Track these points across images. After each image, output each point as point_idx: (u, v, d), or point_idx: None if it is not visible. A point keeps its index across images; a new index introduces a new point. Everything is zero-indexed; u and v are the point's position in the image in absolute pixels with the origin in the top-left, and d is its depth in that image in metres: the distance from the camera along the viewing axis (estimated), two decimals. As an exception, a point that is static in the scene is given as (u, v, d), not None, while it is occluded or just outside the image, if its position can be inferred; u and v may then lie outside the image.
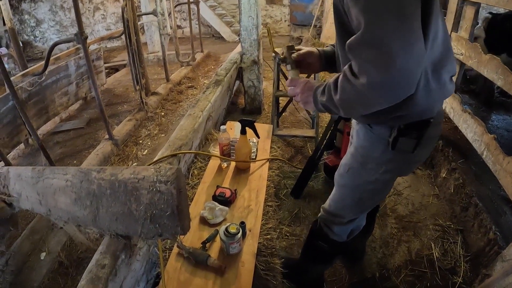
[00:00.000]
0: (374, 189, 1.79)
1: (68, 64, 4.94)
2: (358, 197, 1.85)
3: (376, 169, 1.69)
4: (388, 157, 1.62)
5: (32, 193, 1.77)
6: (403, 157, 1.61)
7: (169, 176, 1.31)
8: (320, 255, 2.25)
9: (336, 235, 2.04)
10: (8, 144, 3.72)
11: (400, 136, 1.50)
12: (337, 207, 1.95)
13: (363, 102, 1.29)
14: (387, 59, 1.11)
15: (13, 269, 2.33)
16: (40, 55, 10.86)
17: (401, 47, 1.09)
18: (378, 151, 1.63)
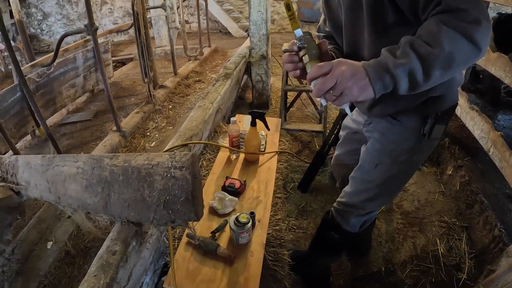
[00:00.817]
0: (402, 180, 1.82)
1: (76, 56, 4.94)
2: (384, 190, 1.84)
3: (408, 160, 1.69)
4: (420, 146, 1.63)
5: (41, 181, 1.76)
6: (432, 144, 1.64)
7: (184, 162, 1.29)
8: (330, 246, 2.25)
9: (350, 226, 2.04)
10: (15, 135, 3.72)
11: (436, 123, 1.51)
12: (359, 200, 1.93)
13: (469, 53, 1.05)
14: None
15: (19, 257, 2.33)
16: (47, 49, 10.88)
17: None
18: (411, 143, 1.63)
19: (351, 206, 1.97)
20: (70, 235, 2.57)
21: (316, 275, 2.50)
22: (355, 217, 2.00)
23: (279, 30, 11.25)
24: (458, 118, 3.57)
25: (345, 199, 2.00)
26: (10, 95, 3.63)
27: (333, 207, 2.11)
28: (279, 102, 5.10)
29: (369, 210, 1.96)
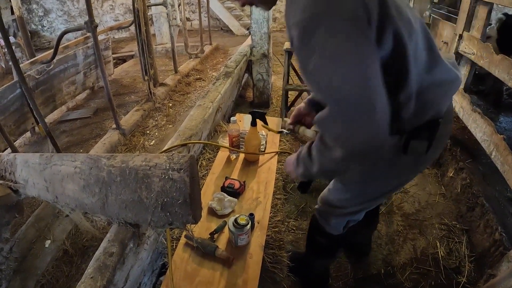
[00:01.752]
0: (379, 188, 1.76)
1: (76, 53, 4.92)
2: (360, 191, 1.80)
3: (385, 170, 1.65)
4: (399, 161, 1.57)
5: (39, 180, 1.74)
6: (416, 159, 1.57)
7: (183, 164, 1.28)
8: (321, 249, 2.24)
9: (332, 228, 2.00)
10: (14, 132, 3.70)
11: (411, 139, 1.46)
12: (336, 198, 1.89)
13: (342, 168, 1.45)
14: (354, 132, 1.19)
15: (17, 256, 2.32)
16: (48, 45, 10.86)
17: (367, 118, 1.16)
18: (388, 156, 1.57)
19: (329, 204, 1.94)
20: (68, 234, 2.56)
21: (315, 277, 2.49)
22: (336, 217, 1.95)
23: (280, 29, 11.23)
24: (460, 120, 3.55)
25: (325, 196, 1.98)
26: (9, 92, 3.61)
27: (315, 208, 2.09)
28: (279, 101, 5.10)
29: (350, 210, 1.89)
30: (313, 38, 1.13)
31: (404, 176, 1.71)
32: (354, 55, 1.13)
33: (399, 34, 1.21)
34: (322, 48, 1.13)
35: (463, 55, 3.57)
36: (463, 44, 3.57)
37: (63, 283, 2.24)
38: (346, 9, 1.11)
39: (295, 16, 1.20)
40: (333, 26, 1.12)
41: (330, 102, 1.20)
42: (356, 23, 1.12)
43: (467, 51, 3.45)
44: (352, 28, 1.12)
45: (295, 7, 1.20)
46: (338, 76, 1.14)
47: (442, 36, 4.41)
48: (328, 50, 1.13)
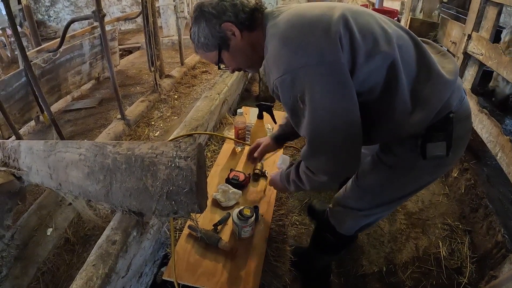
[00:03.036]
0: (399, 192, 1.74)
1: (83, 43, 4.91)
2: (379, 197, 1.78)
3: (405, 174, 1.65)
4: (418, 166, 1.57)
5: (43, 167, 1.73)
6: (437, 162, 1.56)
7: (190, 152, 1.26)
8: (327, 247, 2.21)
9: (345, 229, 1.97)
10: (19, 120, 3.70)
11: (426, 142, 1.47)
12: (354, 201, 1.86)
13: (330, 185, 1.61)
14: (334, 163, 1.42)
15: (18, 243, 2.31)
16: (54, 35, 10.87)
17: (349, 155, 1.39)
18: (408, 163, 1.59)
19: (345, 206, 1.90)
20: (70, 223, 2.55)
21: (316, 273, 2.47)
22: (351, 219, 1.92)
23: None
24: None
25: (340, 198, 1.94)
26: (15, 80, 3.61)
27: (328, 208, 2.05)
28: (285, 96, 5.06)
29: (366, 213, 1.86)
30: (293, 90, 1.30)
31: (424, 180, 1.69)
32: (333, 101, 1.28)
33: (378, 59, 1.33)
34: (304, 97, 1.28)
35: (471, 55, 3.54)
36: (471, 45, 3.54)
37: (64, 271, 2.22)
38: (319, 55, 1.25)
39: (274, 74, 1.34)
40: (309, 76, 1.26)
41: (314, 143, 1.39)
42: (331, 68, 1.26)
43: (476, 51, 3.42)
44: (328, 76, 1.26)
45: (272, 66, 1.36)
46: (323, 123, 1.31)
47: (450, 36, 4.38)
48: (309, 100, 1.28)
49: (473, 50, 3.46)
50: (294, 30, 1.30)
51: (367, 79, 1.33)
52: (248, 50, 1.54)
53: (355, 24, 1.30)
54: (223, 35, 1.49)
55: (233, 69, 1.66)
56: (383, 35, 1.34)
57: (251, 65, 1.65)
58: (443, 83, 1.42)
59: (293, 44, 1.27)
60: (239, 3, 1.47)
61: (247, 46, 1.53)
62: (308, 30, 1.28)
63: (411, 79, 1.39)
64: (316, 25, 1.28)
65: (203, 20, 1.49)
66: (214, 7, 1.46)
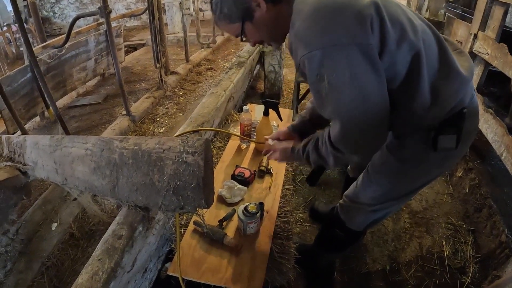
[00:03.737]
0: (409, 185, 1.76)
1: (88, 39, 4.91)
2: (390, 191, 1.79)
3: (416, 167, 1.67)
4: (429, 158, 1.59)
5: (48, 162, 1.73)
6: (445, 155, 1.58)
7: (197, 147, 1.26)
8: (335, 243, 2.22)
9: (355, 224, 1.98)
10: (24, 116, 3.70)
11: (439, 134, 1.48)
12: (365, 196, 1.87)
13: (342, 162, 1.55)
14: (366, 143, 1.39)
15: (23, 238, 2.31)
16: (59, 32, 10.89)
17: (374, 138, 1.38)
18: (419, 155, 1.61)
19: (356, 201, 1.91)
20: (75, 218, 2.55)
21: (321, 270, 2.48)
22: (362, 214, 1.93)
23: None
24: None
25: (352, 193, 1.95)
26: (20, 76, 3.61)
27: (339, 203, 2.06)
28: (291, 93, 5.07)
29: (377, 208, 1.87)
30: (322, 68, 1.26)
31: (432, 174, 1.71)
32: (364, 81, 1.26)
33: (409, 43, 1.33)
34: (332, 77, 1.26)
35: (477, 55, 3.53)
36: (477, 44, 3.53)
37: (68, 266, 2.23)
38: (350, 36, 1.22)
39: (302, 50, 1.30)
40: (340, 55, 1.23)
41: (346, 124, 1.34)
42: (361, 49, 1.23)
43: (482, 51, 3.41)
44: (359, 56, 1.23)
45: (300, 43, 1.31)
46: (354, 105, 1.28)
47: (456, 35, 4.37)
48: (338, 80, 1.25)
49: (479, 50, 3.46)
50: (325, 9, 1.26)
51: (391, 67, 1.33)
52: (272, 23, 1.51)
53: (385, 11, 1.28)
54: (247, 6, 1.45)
55: (255, 41, 1.62)
56: (410, 26, 1.34)
57: (274, 39, 1.61)
58: (461, 81, 1.44)
59: (324, 22, 1.24)
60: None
61: (272, 19, 1.49)
62: (339, 10, 1.24)
63: (432, 74, 1.39)
64: (347, 6, 1.25)
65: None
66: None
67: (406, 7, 1.44)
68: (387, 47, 1.28)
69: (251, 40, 1.61)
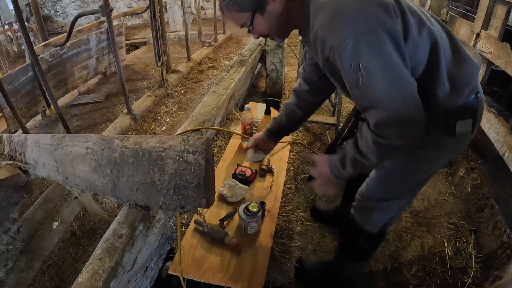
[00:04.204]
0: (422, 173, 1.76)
1: (90, 38, 4.90)
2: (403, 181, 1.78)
3: (432, 161, 1.69)
4: (444, 142, 1.60)
5: (49, 160, 1.73)
6: (459, 140, 1.60)
7: (198, 146, 1.26)
8: (359, 252, 2.18)
9: (372, 225, 1.96)
10: (25, 114, 3.70)
11: (457, 119, 1.49)
12: (383, 190, 1.85)
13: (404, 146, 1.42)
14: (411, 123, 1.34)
15: (24, 236, 2.31)
16: (60, 30, 10.90)
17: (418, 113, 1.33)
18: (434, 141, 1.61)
19: (370, 198, 1.89)
20: (76, 216, 2.55)
21: (346, 283, 2.43)
22: (377, 212, 1.91)
23: None
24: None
25: (364, 191, 1.92)
26: (21, 74, 3.61)
27: (352, 206, 2.03)
28: (292, 92, 5.05)
29: (390, 204, 1.86)
30: (356, 55, 1.25)
31: (445, 158, 1.72)
32: (394, 65, 1.26)
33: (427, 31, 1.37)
34: (368, 63, 1.24)
35: (480, 54, 3.51)
36: (480, 43, 3.51)
37: (69, 265, 2.23)
38: (379, 22, 1.24)
39: (331, 41, 1.29)
40: (373, 41, 1.23)
41: (390, 107, 1.30)
42: (391, 34, 1.24)
43: (484, 50, 3.40)
44: (391, 41, 1.25)
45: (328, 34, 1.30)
46: (394, 88, 1.28)
47: (459, 34, 4.35)
48: (376, 65, 1.24)
49: (482, 49, 3.44)
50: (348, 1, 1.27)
51: (414, 55, 1.35)
52: (283, 18, 1.49)
53: (402, 2, 1.32)
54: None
55: (260, 34, 1.59)
56: (425, 16, 1.39)
57: (281, 33, 1.60)
58: (473, 67, 1.48)
59: (351, 11, 1.25)
60: None
61: (284, 13, 1.47)
62: (363, 1, 1.26)
63: (448, 62, 1.42)
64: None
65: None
66: None
67: (415, 4, 1.46)
68: (410, 34, 1.31)
69: (256, 33, 1.58)
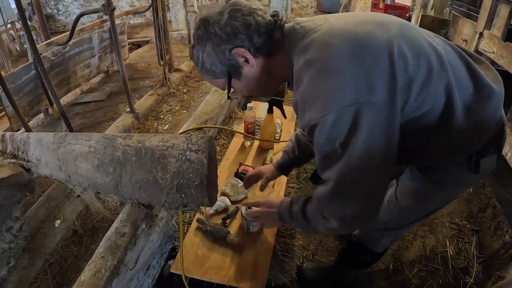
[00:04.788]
0: (438, 204, 1.66)
1: (92, 36, 4.92)
2: (419, 210, 1.70)
3: (452, 195, 1.63)
4: (467, 179, 1.49)
5: (52, 159, 1.73)
6: (484, 173, 1.45)
7: (201, 145, 1.25)
8: (360, 264, 2.19)
9: (380, 247, 1.95)
10: (28, 113, 3.72)
11: (480, 158, 1.36)
12: (395, 221, 1.77)
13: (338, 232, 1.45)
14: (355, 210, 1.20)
15: (26, 234, 2.32)
16: (63, 29, 10.90)
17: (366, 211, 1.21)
18: (459, 182, 1.51)
19: (383, 228, 1.83)
20: (78, 214, 2.56)
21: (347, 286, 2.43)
22: (387, 236, 1.89)
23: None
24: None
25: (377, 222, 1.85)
26: (24, 73, 3.62)
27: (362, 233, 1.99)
28: (294, 91, 5.04)
29: (404, 229, 1.85)
30: (333, 131, 1.10)
31: (466, 190, 1.66)
32: (377, 145, 1.10)
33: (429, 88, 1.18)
34: (344, 141, 1.10)
35: (482, 53, 3.50)
36: (483, 43, 3.51)
37: (72, 263, 2.24)
38: (368, 94, 1.07)
39: (310, 114, 1.15)
40: (357, 115, 1.07)
41: (340, 188, 1.19)
42: (382, 106, 1.08)
43: (487, 49, 3.39)
44: (378, 115, 1.08)
45: (308, 106, 1.16)
46: (358, 169, 1.12)
47: (462, 33, 4.35)
48: (350, 143, 1.10)
49: (485, 48, 3.43)
50: (338, 58, 1.09)
51: (422, 105, 1.18)
52: (264, 78, 1.36)
53: (407, 46, 1.14)
54: (233, 62, 1.29)
55: (244, 96, 1.50)
56: (435, 55, 1.19)
57: (265, 93, 1.47)
58: (498, 98, 1.32)
59: (340, 77, 1.08)
60: (253, 23, 1.24)
61: (263, 74, 1.34)
62: (356, 60, 1.09)
63: (467, 97, 1.25)
64: (365, 52, 1.09)
65: (208, 43, 1.27)
66: (223, 28, 1.23)
67: (420, 28, 1.31)
68: (414, 89, 1.14)
69: (238, 95, 1.50)
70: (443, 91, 1.18)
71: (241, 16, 1.23)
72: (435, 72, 1.16)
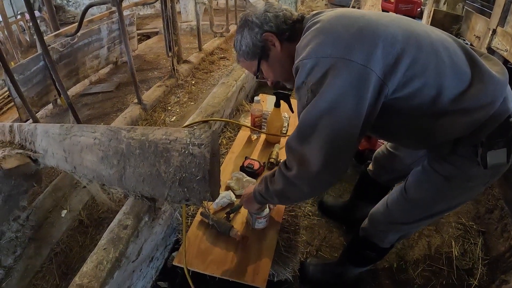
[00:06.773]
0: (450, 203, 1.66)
1: (101, 28, 4.92)
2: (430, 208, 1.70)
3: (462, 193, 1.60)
4: (476, 174, 1.48)
5: (58, 150, 1.74)
6: (496, 170, 1.46)
7: (204, 139, 1.26)
8: (365, 260, 2.18)
9: (387, 243, 1.95)
10: (36, 104, 3.73)
11: (487, 150, 1.35)
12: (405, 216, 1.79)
13: (292, 191, 1.47)
14: (309, 169, 1.33)
15: (33, 224, 2.34)
16: (72, 20, 10.91)
17: (322, 166, 1.29)
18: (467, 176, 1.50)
19: (390, 222, 1.85)
20: (84, 205, 2.57)
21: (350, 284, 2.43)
22: (394, 232, 1.89)
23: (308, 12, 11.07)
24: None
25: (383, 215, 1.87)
26: (33, 64, 3.63)
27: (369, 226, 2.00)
28: (303, 85, 5.02)
29: (411, 226, 1.83)
30: (308, 76, 1.27)
31: (476, 191, 1.61)
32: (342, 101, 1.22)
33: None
34: (315, 87, 1.26)
35: (495, 51, 3.45)
36: (496, 40, 3.44)
37: (77, 253, 2.25)
38: (345, 52, 1.21)
39: (297, 58, 1.34)
40: (329, 67, 1.22)
41: (303, 132, 1.33)
42: (354, 68, 1.20)
43: (500, 47, 3.33)
44: (348, 74, 1.20)
45: (298, 52, 1.35)
46: (321, 117, 1.25)
47: (474, 30, 4.29)
48: (319, 90, 1.24)
49: (497, 46, 3.38)
50: (331, 25, 1.30)
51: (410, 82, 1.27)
52: (287, 62, 1.52)
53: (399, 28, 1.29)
54: (263, 45, 1.53)
55: (272, 81, 1.68)
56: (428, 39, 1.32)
57: (288, 78, 1.57)
58: (495, 83, 1.34)
59: (325, 36, 1.27)
60: (281, 15, 1.51)
61: (286, 58, 1.54)
62: (345, 27, 1.26)
63: (463, 82, 1.31)
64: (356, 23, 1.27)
65: (246, 28, 1.54)
66: (258, 17, 1.51)
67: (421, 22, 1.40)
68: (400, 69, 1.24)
69: (268, 79, 1.69)
70: (433, 69, 1.28)
71: (273, 10, 1.51)
72: (425, 51, 1.27)
